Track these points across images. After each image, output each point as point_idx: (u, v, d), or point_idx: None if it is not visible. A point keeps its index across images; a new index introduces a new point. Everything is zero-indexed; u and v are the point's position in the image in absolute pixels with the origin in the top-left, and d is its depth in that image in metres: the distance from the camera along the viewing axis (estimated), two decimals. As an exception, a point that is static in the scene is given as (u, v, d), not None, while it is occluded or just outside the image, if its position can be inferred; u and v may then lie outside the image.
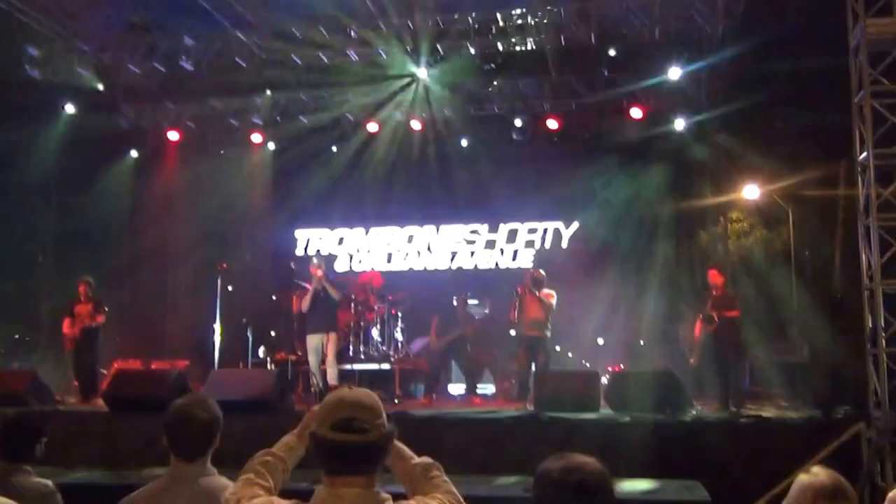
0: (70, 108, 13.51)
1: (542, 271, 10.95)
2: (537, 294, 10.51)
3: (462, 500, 2.53)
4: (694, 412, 8.94)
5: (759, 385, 10.94)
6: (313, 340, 10.97)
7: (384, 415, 2.43)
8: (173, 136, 15.06)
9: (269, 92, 14.10)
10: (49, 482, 3.92)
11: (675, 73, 12.58)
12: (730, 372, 9.82)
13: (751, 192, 13.91)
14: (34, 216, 14.15)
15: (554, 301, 10.60)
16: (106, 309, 11.24)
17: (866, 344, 8.22)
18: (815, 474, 2.77)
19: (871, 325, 8.15)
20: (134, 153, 15.31)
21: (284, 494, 2.48)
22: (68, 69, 13.08)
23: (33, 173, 13.29)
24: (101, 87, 13.37)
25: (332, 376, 10.88)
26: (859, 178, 8.48)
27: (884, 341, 7.98)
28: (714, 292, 9.98)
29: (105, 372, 11.74)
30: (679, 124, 13.76)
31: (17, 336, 12.96)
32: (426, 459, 2.63)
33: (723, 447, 7.74)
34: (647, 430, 7.92)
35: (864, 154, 8.40)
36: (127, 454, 7.98)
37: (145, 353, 13.46)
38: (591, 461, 2.33)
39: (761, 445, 7.59)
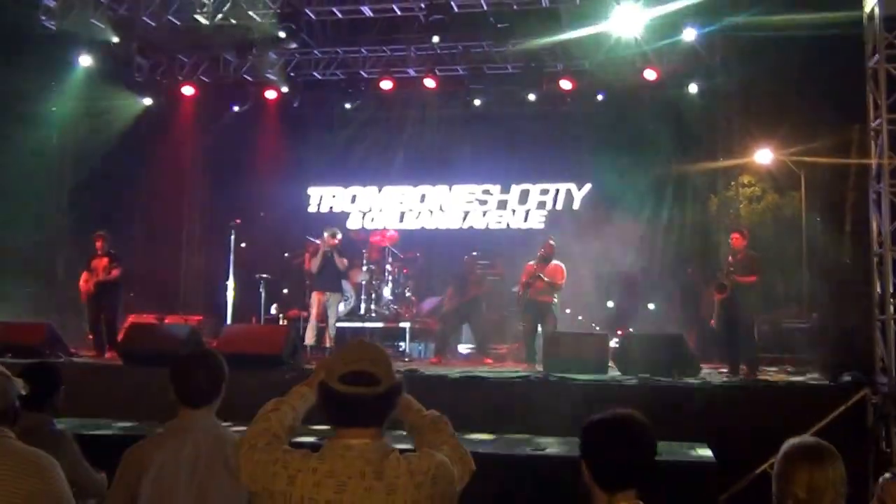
0: (85, 61, 13.36)
1: (552, 243, 10.99)
2: (543, 275, 10.63)
3: (468, 453, 2.58)
4: (702, 376, 8.99)
5: (767, 350, 10.95)
6: (316, 297, 11.26)
7: (393, 367, 2.46)
8: (188, 90, 15.00)
9: (282, 36, 13.58)
10: (66, 429, 4.03)
11: (689, 34, 12.39)
12: (740, 337, 9.79)
13: (763, 156, 13.85)
14: (49, 170, 14.17)
15: (561, 279, 10.71)
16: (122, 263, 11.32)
17: (874, 310, 8.22)
18: (802, 438, 2.84)
19: (879, 291, 8.14)
20: (148, 100, 15.10)
21: (294, 447, 2.47)
22: (83, 21, 13.01)
23: (47, 126, 13.27)
24: (115, 39, 13.26)
25: (328, 338, 11.13)
26: (872, 144, 8.41)
27: (892, 307, 7.98)
28: (731, 257, 9.79)
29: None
30: (692, 87, 13.63)
31: (30, 290, 13.01)
32: (434, 412, 2.68)
33: (729, 411, 7.77)
34: (655, 393, 7.99)
35: (878, 119, 8.33)
36: (139, 407, 8.08)
37: (159, 307, 13.59)
38: (634, 413, 2.50)
39: (767, 410, 7.61)
